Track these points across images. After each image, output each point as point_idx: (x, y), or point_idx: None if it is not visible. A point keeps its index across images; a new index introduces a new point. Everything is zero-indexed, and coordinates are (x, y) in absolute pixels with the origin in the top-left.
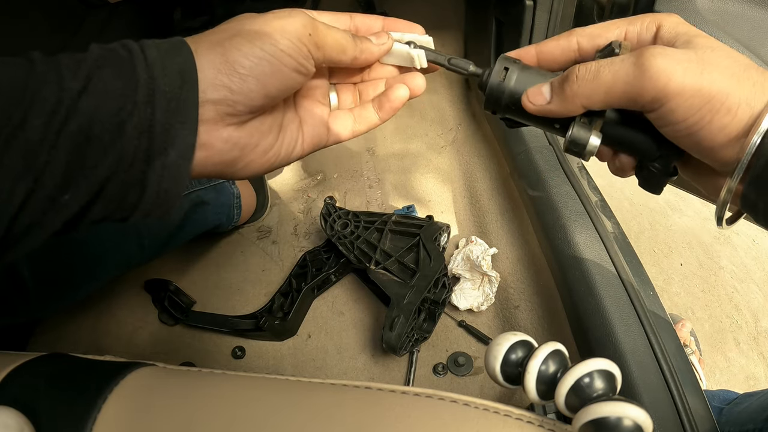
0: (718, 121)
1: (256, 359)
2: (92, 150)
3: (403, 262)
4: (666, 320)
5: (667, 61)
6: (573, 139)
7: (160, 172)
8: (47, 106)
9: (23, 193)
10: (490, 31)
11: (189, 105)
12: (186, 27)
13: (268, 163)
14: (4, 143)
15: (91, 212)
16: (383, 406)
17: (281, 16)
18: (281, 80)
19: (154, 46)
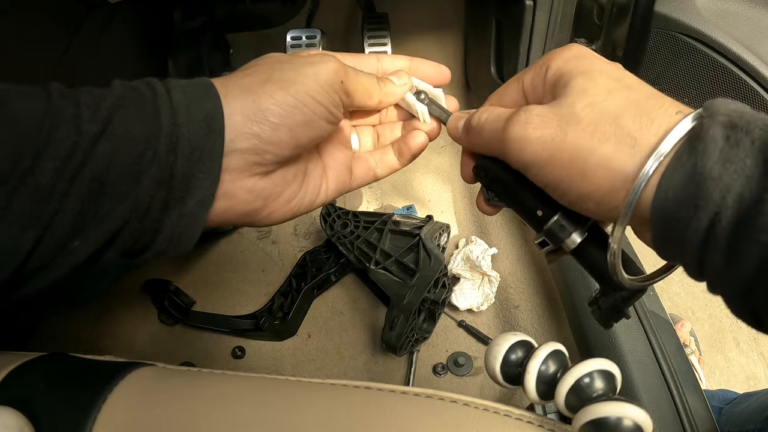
0: (580, 187)
1: (256, 359)
2: (106, 198)
3: (402, 262)
4: (666, 320)
5: (520, 130)
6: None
7: (175, 221)
8: (62, 149)
9: (32, 240)
10: (489, 31)
11: (213, 155)
12: (186, 27)
13: (292, 211)
14: (13, 189)
15: (100, 257)
16: (383, 406)
17: (313, 62)
18: (313, 130)
19: (180, 88)
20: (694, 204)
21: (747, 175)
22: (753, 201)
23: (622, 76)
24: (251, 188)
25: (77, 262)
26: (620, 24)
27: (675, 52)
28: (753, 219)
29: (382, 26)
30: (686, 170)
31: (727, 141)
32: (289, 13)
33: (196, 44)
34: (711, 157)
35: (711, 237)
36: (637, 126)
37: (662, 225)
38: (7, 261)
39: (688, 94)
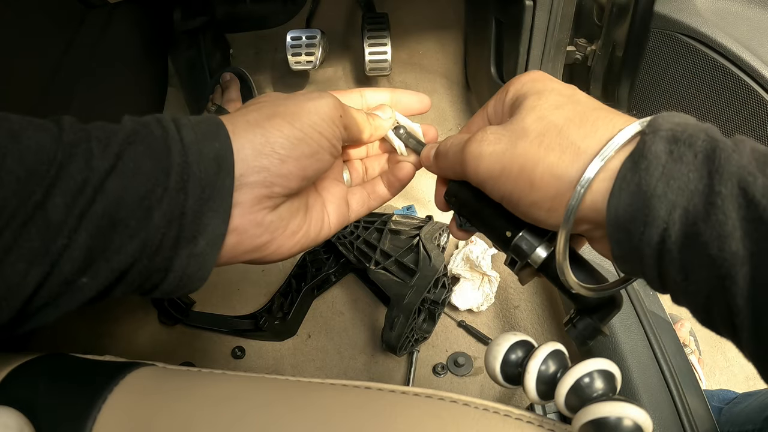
0: (529, 195)
1: (255, 359)
2: (116, 235)
3: (402, 262)
4: (665, 320)
5: (476, 147)
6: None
7: (185, 261)
8: (72, 185)
9: (39, 276)
10: (489, 31)
11: (223, 193)
12: (186, 27)
13: (298, 244)
14: (22, 225)
15: (109, 294)
16: (383, 406)
17: (313, 98)
18: (318, 162)
19: (191, 127)
20: (643, 221)
21: (691, 189)
22: (700, 216)
23: (573, 94)
24: (260, 222)
25: (85, 299)
26: (620, 24)
27: (675, 53)
28: (701, 234)
29: (382, 26)
30: (631, 189)
31: (670, 155)
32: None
33: (196, 44)
34: (654, 174)
35: (664, 252)
36: (581, 135)
37: (618, 242)
38: (13, 297)
39: (688, 94)
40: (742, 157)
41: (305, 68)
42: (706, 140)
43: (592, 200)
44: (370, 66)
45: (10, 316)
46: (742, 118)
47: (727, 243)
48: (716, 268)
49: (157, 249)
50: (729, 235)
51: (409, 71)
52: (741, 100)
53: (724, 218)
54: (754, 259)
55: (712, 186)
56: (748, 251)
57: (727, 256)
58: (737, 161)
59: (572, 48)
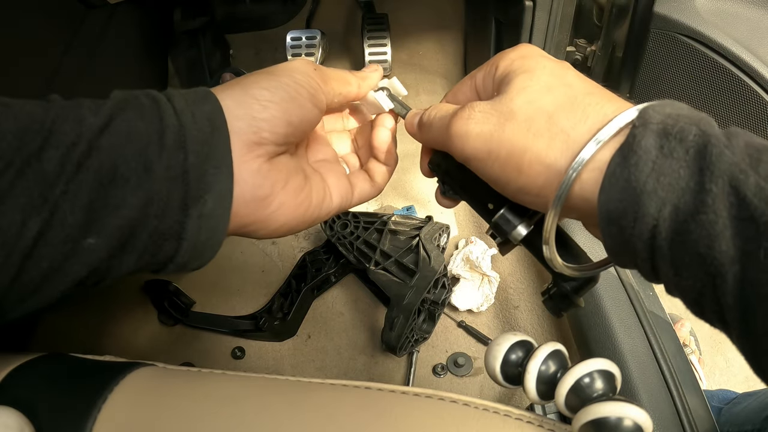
0: (516, 181)
1: (255, 359)
2: (117, 189)
3: (402, 262)
4: (665, 320)
5: (463, 125)
6: (497, 220)
7: (197, 223)
8: (65, 139)
9: (37, 227)
10: (489, 31)
11: (222, 150)
12: (186, 27)
13: (301, 208)
14: (18, 173)
15: (121, 262)
16: (383, 406)
17: (288, 62)
18: (300, 107)
19: (181, 96)
20: (633, 217)
21: (682, 187)
22: (689, 213)
23: (564, 74)
24: (257, 170)
25: (93, 262)
26: (620, 24)
27: (674, 53)
28: (690, 232)
29: (382, 27)
30: (621, 185)
31: (660, 151)
32: (289, 13)
33: (196, 44)
34: (644, 170)
35: (655, 247)
36: (571, 123)
37: (610, 236)
38: (11, 250)
39: (688, 95)
40: (735, 154)
41: None
42: (698, 134)
43: (581, 190)
44: None
45: (11, 275)
46: (742, 118)
47: (717, 242)
48: (706, 266)
49: (165, 209)
50: (719, 234)
51: (409, 72)
52: (741, 101)
53: (714, 217)
54: (744, 258)
55: (703, 184)
56: (738, 251)
57: (717, 255)
58: (729, 158)
59: (572, 48)
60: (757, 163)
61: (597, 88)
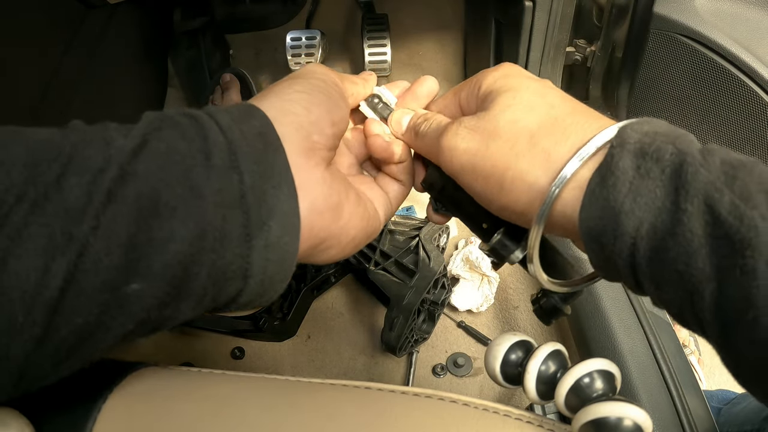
0: (499, 199)
1: (255, 360)
2: (162, 221)
3: (402, 262)
4: (665, 320)
5: (451, 139)
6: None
7: (263, 254)
8: (92, 164)
9: (63, 272)
10: (489, 31)
11: (280, 167)
12: (186, 27)
13: (364, 218)
14: (32, 206)
15: (176, 311)
16: (383, 406)
17: (305, 67)
18: (337, 106)
19: (224, 112)
20: (613, 235)
21: (658, 206)
22: (666, 232)
23: (547, 94)
24: (321, 177)
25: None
26: (619, 25)
27: (674, 53)
28: (668, 249)
29: (382, 27)
30: (600, 204)
31: (637, 171)
32: (289, 13)
33: (196, 44)
34: (621, 191)
35: (635, 264)
36: (551, 142)
37: (593, 252)
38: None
39: (687, 95)
40: (711, 172)
41: None
42: (674, 153)
43: (563, 207)
44: (369, 67)
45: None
46: (741, 118)
47: (693, 259)
48: (684, 282)
49: (222, 240)
50: (695, 252)
51: (409, 72)
52: (740, 101)
53: (690, 235)
54: (720, 275)
55: (678, 203)
56: (714, 268)
57: (694, 272)
58: (705, 177)
59: (572, 49)
60: (732, 181)
61: (579, 106)
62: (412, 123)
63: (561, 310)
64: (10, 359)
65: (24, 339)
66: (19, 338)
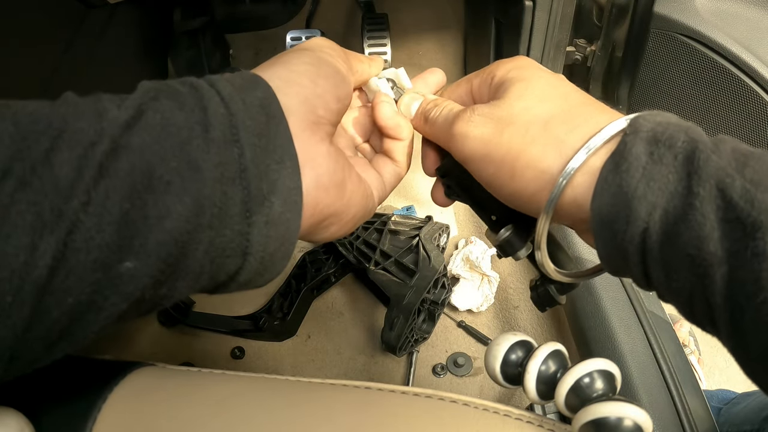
0: (509, 185)
1: (255, 359)
2: (156, 196)
3: (402, 262)
4: (665, 320)
5: (464, 126)
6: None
7: (264, 231)
8: (83, 137)
9: (52, 250)
10: (489, 31)
11: (283, 141)
12: (186, 27)
13: (365, 196)
14: (19, 182)
15: (172, 289)
16: (383, 406)
17: (311, 40)
18: (342, 81)
19: (225, 80)
20: (626, 221)
21: (671, 191)
22: (679, 217)
23: (560, 86)
24: (327, 152)
25: (134, 293)
26: (620, 24)
27: (674, 53)
28: (680, 235)
29: (382, 27)
30: (613, 190)
31: (650, 157)
32: (289, 13)
33: (196, 44)
34: (634, 176)
35: (646, 251)
36: (564, 131)
37: (603, 241)
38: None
39: (688, 95)
40: (722, 158)
41: None
42: (686, 141)
43: (573, 196)
44: None
45: (25, 318)
46: (742, 118)
47: (705, 243)
48: (695, 267)
49: (221, 217)
50: (707, 236)
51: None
52: (740, 101)
53: (702, 219)
54: (732, 259)
55: (691, 187)
56: (726, 252)
57: (705, 256)
58: (716, 162)
59: (572, 48)
60: (743, 167)
61: (591, 100)
62: (422, 108)
63: (556, 300)
64: (4, 348)
65: (13, 320)
66: (8, 320)
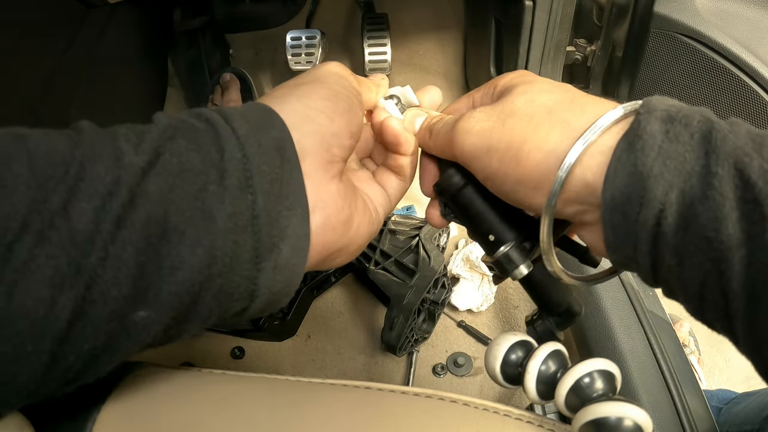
0: (515, 173)
1: (255, 359)
2: (171, 247)
3: (402, 262)
4: (665, 320)
5: (465, 123)
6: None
7: (271, 276)
8: (100, 186)
9: (71, 304)
10: (489, 31)
11: (295, 186)
12: (185, 27)
13: (371, 223)
14: (38, 236)
15: (181, 331)
16: (383, 406)
17: (319, 67)
18: (356, 115)
19: (241, 116)
20: (639, 202)
21: (688, 170)
22: (696, 197)
23: (562, 84)
24: (336, 191)
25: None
26: (620, 24)
27: (674, 53)
28: (698, 216)
29: (382, 27)
30: (628, 170)
31: (666, 135)
32: (289, 13)
33: (196, 44)
34: (650, 154)
35: (660, 234)
36: (571, 114)
37: (613, 227)
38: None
39: (688, 95)
40: (738, 138)
41: (305, 69)
42: (702, 120)
43: (583, 176)
44: (369, 66)
45: (44, 364)
46: (742, 117)
47: (723, 225)
48: (712, 251)
49: (232, 263)
50: (726, 217)
51: (409, 72)
52: (740, 100)
53: (721, 199)
54: (751, 242)
55: (709, 166)
56: (744, 234)
57: (723, 239)
58: (733, 142)
59: (572, 48)
60: (760, 147)
61: (594, 96)
62: (427, 122)
63: (554, 335)
64: (18, 384)
65: (33, 367)
66: (27, 366)
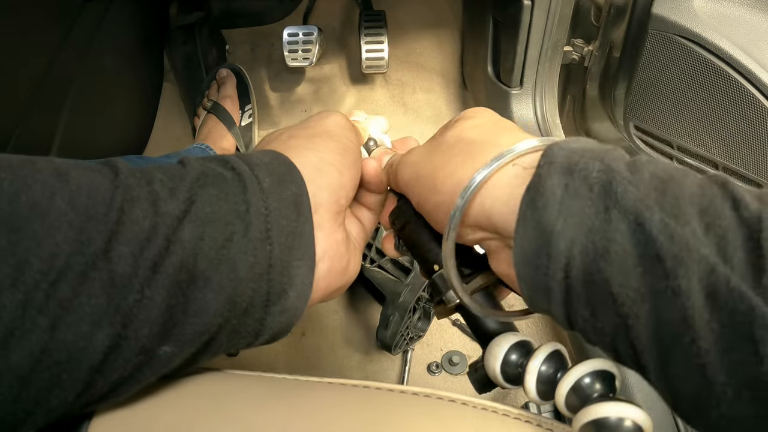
0: (433, 198)
1: (249, 358)
2: (198, 292)
3: (398, 260)
4: None
5: (404, 158)
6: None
7: (277, 318)
8: (139, 232)
9: (108, 340)
10: (487, 30)
11: (306, 240)
12: (182, 22)
13: (357, 257)
14: (82, 276)
15: (192, 363)
16: (381, 405)
17: (326, 116)
18: (358, 168)
19: (265, 168)
20: (547, 256)
21: (589, 226)
22: (599, 253)
23: (500, 120)
24: (341, 240)
25: (164, 370)
26: (617, 25)
27: (672, 54)
28: (601, 271)
29: (379, 24)
30: (532, 225)
31: (565, 190)
32: (286, 9)
33: (192, 39)
34: (551, 212)
35: (570, 286)
36: (486, 146)
37: (525, 280)
38: (77, 366)
39: (685, 97)
40: (639, 189)
41: (302, 65)
42: (601, 170)
43: (490, 205)
44: (366, 63)
45: (77, 391)
46: (738, 120)
47: (627, 280)
48: (618, 306)
49: (248, 307)
50: (629, 272)
51: (406, 69)
52: (737, 103)
53: (624, 254)
54: (655, 297)
55: (610, 221)
56: (649, 289)
57: (629, 293)
58: (634, 194)
59: (569, 48)
60: (662, 197)
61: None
62: (391, 161)
63: (491, 384)
64: (48, 408)
65: (65, 393)
66: (60, 392)
